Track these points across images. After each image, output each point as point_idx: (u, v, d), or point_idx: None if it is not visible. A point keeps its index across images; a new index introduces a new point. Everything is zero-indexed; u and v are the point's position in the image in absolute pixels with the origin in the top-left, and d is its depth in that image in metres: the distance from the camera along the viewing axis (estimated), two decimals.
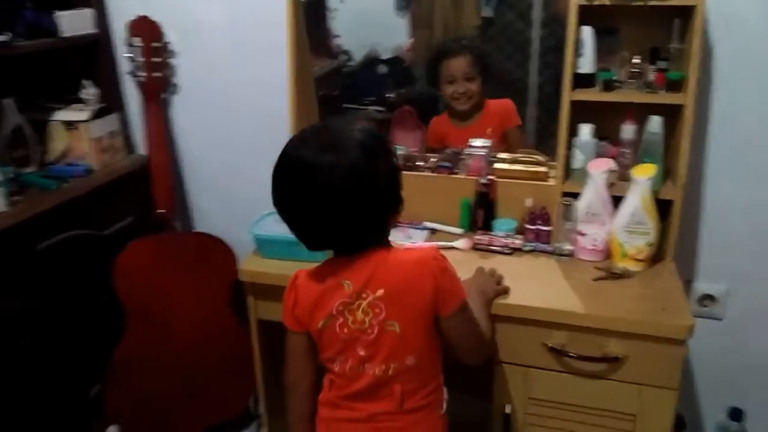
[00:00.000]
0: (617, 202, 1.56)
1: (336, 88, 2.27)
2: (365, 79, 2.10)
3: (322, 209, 1.10)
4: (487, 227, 1.72)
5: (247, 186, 2.07)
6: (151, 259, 1.95)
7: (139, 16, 1.99)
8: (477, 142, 1.78)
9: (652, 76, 1.59)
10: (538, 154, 1.76)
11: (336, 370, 1.21)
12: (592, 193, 1.56)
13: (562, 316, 1.40)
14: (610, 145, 1.66)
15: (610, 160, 1.58)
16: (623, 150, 1.61)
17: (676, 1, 1.51)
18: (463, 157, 1.79)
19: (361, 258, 1.15)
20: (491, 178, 1.71)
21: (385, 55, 2.04)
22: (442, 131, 1.95)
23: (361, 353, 1.17)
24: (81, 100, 2.04)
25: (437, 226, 1.78)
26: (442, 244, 1.67)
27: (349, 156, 1.08)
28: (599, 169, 1.55)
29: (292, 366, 1.28)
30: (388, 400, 1.20)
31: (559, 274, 1.55)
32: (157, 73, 2.02)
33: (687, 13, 1.53)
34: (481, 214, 1.73)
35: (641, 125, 1.60)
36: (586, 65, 1.61)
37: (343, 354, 1.19)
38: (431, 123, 1.97)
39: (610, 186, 1.59)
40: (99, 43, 2.04)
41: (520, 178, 1.72)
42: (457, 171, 1.80)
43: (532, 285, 1.49)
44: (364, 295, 1.15)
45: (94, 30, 2.01)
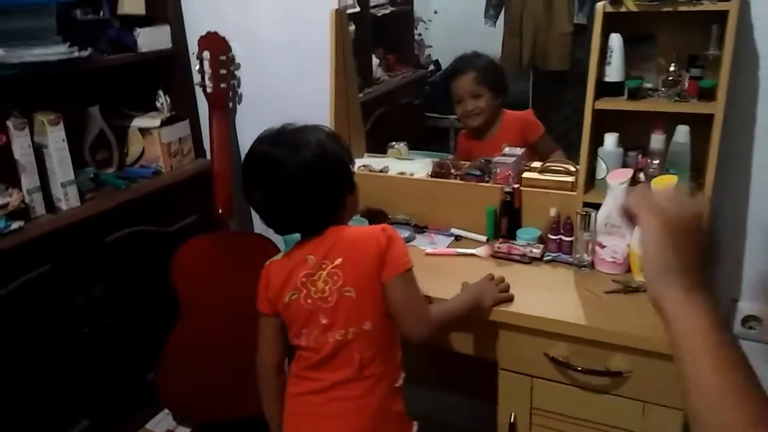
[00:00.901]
0: None
1: (420, 98, 2.35)
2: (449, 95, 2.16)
3: (281, 196, 1.27)
4: (511, 236, 1.71)
5: None
6: (206, 255, 2.11)
7: (209, 32, 2.17)
8: (508, 150, 1.78)
9: (687, 84, 1.53)
10: (569, 163, 1.73)
11: (302, 344, 1.32)
12: (612, 204, 1.52)
13: (563, 326, 1.38)
14: (638, 156, 1.60)
15: (629, 171, 1.53)
16: (651, 161, 1.56)
17: (707, 6, 1.45)
18: (493, 165, 1.80)
19: (322, 235, 1.29)
20: (516, 186, 1.71)
21: None
22: (468, 146, 1.98)
23: (324, 321, 1.29)
24: (156, 109, 2.26)
25: (463, 233, 1.80)
26: (462, 250, 1.69)
27: (302, 148, 1.25)
28: (618, 179, 1.51)
29: (261, 346, 1.41)
30: (349, 368, 1.29)
31: (572, 285, 1.52)
32: (223, 84, 2.20)
33: (725, 18, 1.46)
34: (505, 222, 1.73)
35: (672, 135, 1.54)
36: (614, 73, 1.57)
37: (307, 326, 1.30)
38: (458, 138, 2.01)
39: None
40: (174, 57, 2.24)
41: (546, 187, 1.71)
42: (487, 179, 1.81)
43: (542, 295, 1.48)
44: (323, 265, 1.28)
45: (170, 45, 2.22)
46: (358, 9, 2.08)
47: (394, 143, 2.09)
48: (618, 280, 1.51)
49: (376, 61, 2.26)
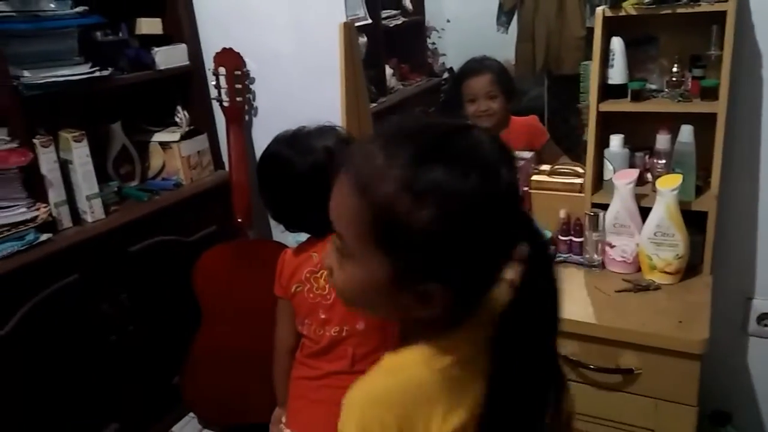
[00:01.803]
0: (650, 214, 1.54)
1: (434, 105, 2.39)
2: (460, 95, 2.19)
3: (288, 195, 1.33)
4: None
5: None
6: (226, 262, 2.17)
7: (224, 48, 2.24)
8: (516, 154, 1.81)
9: (690, 84, 1.56)
10: (578, 166, 1.76)
11: (305, 333, 1.40)
12: (619, 204, 1.55)
13: (575, 325, 1.40)
14: (645, 156, 1.63)
15: (636, 171, 1.56)
16: (657, 161, 1.58)
17: (705, 7, 1.47)
18: None
19: (328, 237, 1.31)
20: (525, 189, 1.74)
21: None
22: None
23: (322, 317, 1.35)
24: (176, 124, 2.33)
25: None
26: None
27: (312, 151, 1.31)
28: (624, 180, 1.53)
29: (280, 327, 1.48)
30: (343, 361, 1.36)
31: (582, 284, 1.55)
32: (239, 98, 2.26)
33: (724, 19, 1.48)
34: None
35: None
36: (617, 76, 1.60)
37: (309, 317, 1.38)
38: None
39: (643, 198, 1.57)
40: (191, 73, 2.31)
41: (555, 189, 1.74)
42: None
43: None
44: None
45: (187, 62, 2.29)
46: (369, 21, 2.13)
47: None
48: (628, 279, 1.53)
49: (389, 71, 2.30)
